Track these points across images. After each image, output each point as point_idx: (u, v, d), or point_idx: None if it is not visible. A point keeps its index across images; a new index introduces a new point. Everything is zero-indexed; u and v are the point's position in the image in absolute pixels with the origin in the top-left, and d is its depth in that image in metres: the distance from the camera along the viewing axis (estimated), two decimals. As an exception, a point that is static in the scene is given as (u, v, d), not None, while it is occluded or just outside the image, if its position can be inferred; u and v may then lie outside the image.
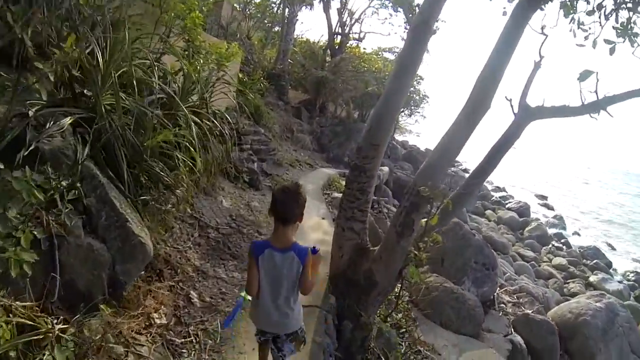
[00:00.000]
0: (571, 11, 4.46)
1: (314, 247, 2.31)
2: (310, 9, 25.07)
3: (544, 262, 18.06)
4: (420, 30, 4.44)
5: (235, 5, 19.91)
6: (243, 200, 7.86)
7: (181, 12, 6.01)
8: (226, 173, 8.79)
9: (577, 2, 4.50)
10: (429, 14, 4.42)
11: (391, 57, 29.79)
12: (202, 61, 5.82)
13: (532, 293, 10.53)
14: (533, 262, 17.13)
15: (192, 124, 4.60)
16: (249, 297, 2.46)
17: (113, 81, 3.50)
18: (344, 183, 13.15)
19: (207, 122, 5.47)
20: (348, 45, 21.82)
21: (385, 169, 15.65)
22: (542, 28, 4.11)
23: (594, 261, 18.84)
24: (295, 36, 23.31)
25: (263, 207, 7.90)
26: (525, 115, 4.08)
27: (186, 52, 6.09)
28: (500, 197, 30.16)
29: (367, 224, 4.76)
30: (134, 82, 3.96)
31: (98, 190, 3.06)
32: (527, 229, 22.24)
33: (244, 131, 11.51)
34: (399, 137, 29.85)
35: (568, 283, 15.54)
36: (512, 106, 4.13)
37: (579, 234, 26.48)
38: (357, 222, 4.71)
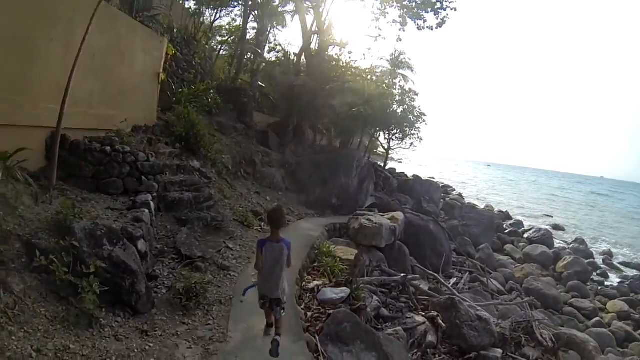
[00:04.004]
0: None
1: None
2: (283, 26, 20.94)
3: (602, 310, 14.41)
4: None
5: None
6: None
7: None
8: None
9: None
10: None
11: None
12: None
13: None
14: (598, 318, 13.27)
15: None
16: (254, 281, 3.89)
17: None
18: (339, 254, 6.38)
19: None
20: (329, 49, 16.86)
21: (400, 216, 10.34)
22: None
23: (651, 296, 15.50)
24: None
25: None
26: None
27: None
28: (512, 225, 26.14)
29: None
30: None
31: None
32: (560, 264, 18.27)
33: (148, 167, 6.12)
34: (381, 163, 24.75)
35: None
36: None
37: (610, 257, 22.97)
38: None
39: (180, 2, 14.83)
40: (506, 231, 24.08)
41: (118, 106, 6.97)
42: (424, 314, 6.42)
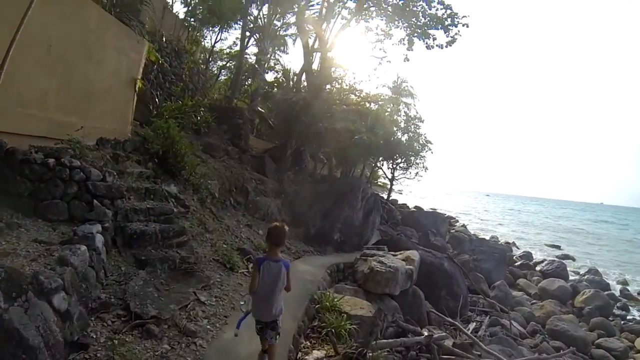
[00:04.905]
0: None
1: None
2: (284, 50, 20.40)
3: (631, 349, 12.63)
4: None
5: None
6: None
7: None
8: None
9: None
10: None
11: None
12: None
13: None
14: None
15: None
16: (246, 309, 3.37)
17: None
18: (346, 307, 3.75)
19: None
20: (332, 70, 15.79)
21: (416, 256, 8.87)
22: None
23: (678, 331, 13.92)
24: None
25: None
26: None
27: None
28: (521, 257, 24.59)
29: None
30: None
31: None
32: (579, 298, 16.71)
33: (103, 189, 4.76)
34: (382, 194, 23.50)
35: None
36: None
37: (627, 287, 21.30)
38: None
39: (174, 12, 13.95)
40: (517, 264, 22.69)
41: (80, 112, 5.76)
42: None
